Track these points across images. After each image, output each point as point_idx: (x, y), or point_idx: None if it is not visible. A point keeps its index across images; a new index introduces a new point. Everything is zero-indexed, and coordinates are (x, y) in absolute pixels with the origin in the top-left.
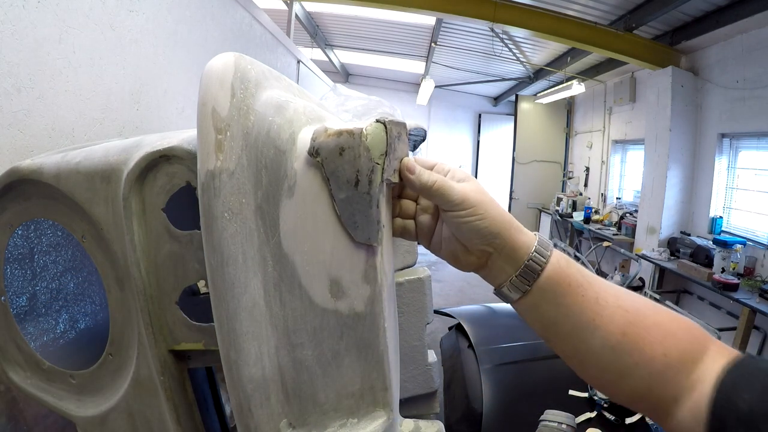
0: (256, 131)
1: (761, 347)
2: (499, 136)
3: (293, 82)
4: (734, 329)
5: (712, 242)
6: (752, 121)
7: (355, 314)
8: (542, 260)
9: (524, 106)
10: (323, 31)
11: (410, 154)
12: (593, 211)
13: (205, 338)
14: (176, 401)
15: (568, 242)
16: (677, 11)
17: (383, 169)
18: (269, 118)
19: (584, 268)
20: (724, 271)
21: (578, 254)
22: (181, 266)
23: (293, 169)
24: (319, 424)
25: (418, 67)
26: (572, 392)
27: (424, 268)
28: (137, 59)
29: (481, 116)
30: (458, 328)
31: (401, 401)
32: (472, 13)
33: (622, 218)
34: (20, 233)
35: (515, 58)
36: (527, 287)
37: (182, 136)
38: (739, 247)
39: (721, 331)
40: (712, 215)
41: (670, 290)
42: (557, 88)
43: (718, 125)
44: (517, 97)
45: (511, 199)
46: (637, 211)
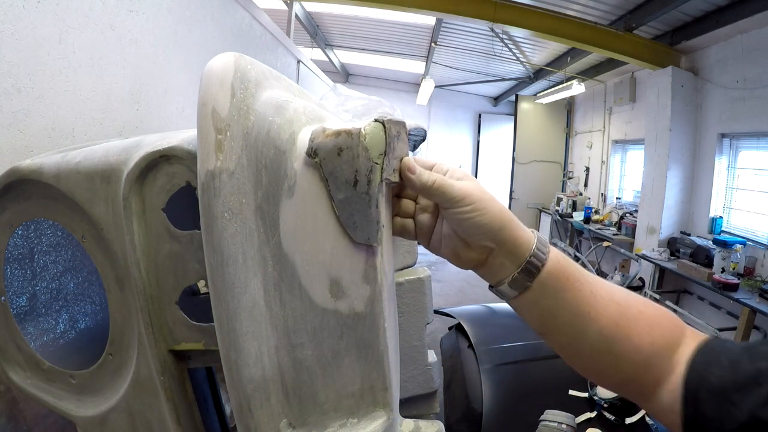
0: (256, 131)
1: None
2: (499, 136)
3: (293, 82)
4: (734, 329)
5: (712, 242)
6: (752, 121)
7: (355, 314)
8: (543, 256)
9: (524, 106)
10: (323, 31)
11: (410, 154)
12: (593, 211)
13: (205, 338)
14: (176, 401)
15: (568, 242)
16: (677, 11)
17: (382, 168)
18: (269, 118)
19: (576, 264)
20: (724, 271)
21: (578, 254)
22: (181, 266)
23: (293, 169)
24: (319, 424)
25: (418, 67)
26: (572, 392)
27: (424, 268)
28: (137, 59)
29: (481, 116)
30: (458, 328)
31: (401, 401)
32: (472, 13)
33: (622, 218)
34: (20, 233)
35: (515, 58)
36: (528, 283)
37: (182, 136)
38: (739, 247)
39: (721, 331)
40: (712, 215)
41: (670, 290)
42: (557, 88)
43: (718, 125)
44: (517, 97)
45: (511, 199)
46: (637, 211)
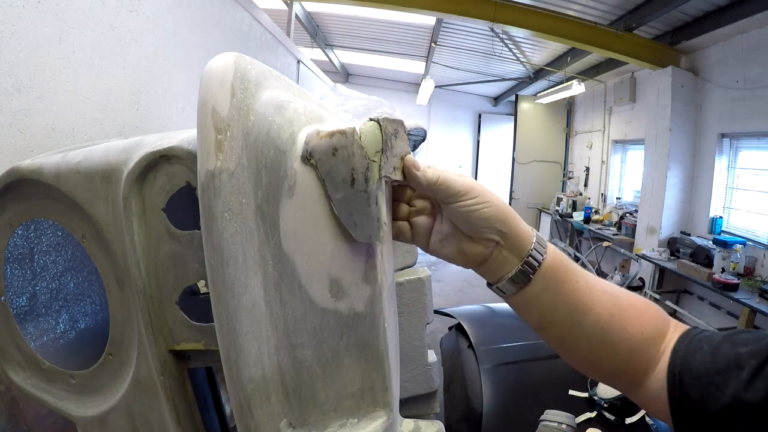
0: (256, 131)
1: None
2: (499, 136)
3: (293, 82)
4: (734, 329)
5: (712, 242)
6: (752, 121)
7: (355, 314)
8: (543, 249)
9: (524, 106)
10: (323, 31)
11: (410, 153)
12: (593, 211)
13: (205, 338)
14: (176, 401)
15: (568, 242)
16: (677, 11)
17: (380, 166)
18: (269, 118)
19: (569, 258)
20: (724, 271)
21: (578, 254)
22: (181, 266)
23: (293, 169)
24: (319, 424)
25: (418, 67)
26: (572, 392)
27: (424, 268)
28: (137, 59)
29: (481, 116)
30: (458, 328)
31: (401, 401)
32: (472, 13)
33: (622, 218)
34: (20, 233)
35: (515, 58)
36: (531, 276)
37: (182, 136)
38: (739, 247)
39: (721, 331)
40: (712, 215)
41: (670, 290)
42: (557, 88)
43: (718, 125)
44: (517, 97)
45: (511, 199)
46: (637, 211)
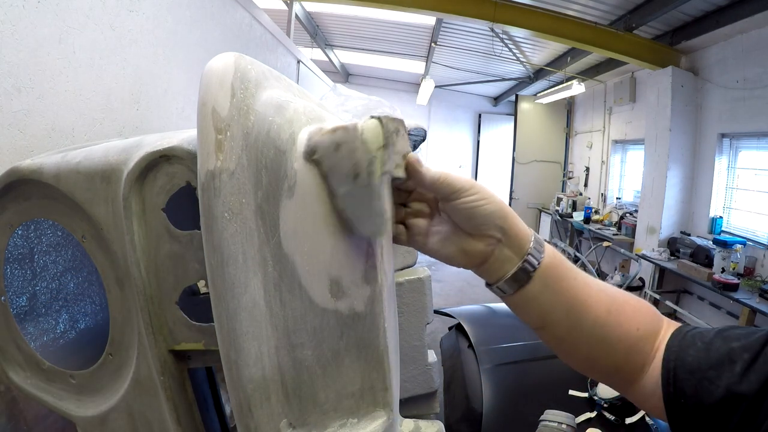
0: (256, 131)
1: None
2: (499, 136)
3: (293, 82)
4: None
5: (712, 242)
6: (752, 121)
7: (355, 314)
8: (541, 247)
9: (524, 106)
10: (323, 31)
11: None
12: (593, 211)
13: (205, 338)
14: (176, 401)
15: (568, 242)
16: (677, 11)
17: (383, 161)
18: (269, 118)
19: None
20: (724, 271)
21: (578, 254)
22: (181, 266)
23: (293, 169)
24: (319, 424)
25: (418, 67)
26: (572, 392)
27: (424, 268)
28: (137, 59)
29: (481, 116)
30: (458, 328)
31: (401, 401)
32: (472, 13)
33: (622, 218)
34: (20, 233)
35: (515, 58)
36: (531, 274)
37: (182, 136)
38: (739, 247)
39: None
40: (712, 215)
41: (670, 290)
42: (557, 88)
43: (718, 125)
44: (517, 97)
45: (511, 199)
46: (637, 211)
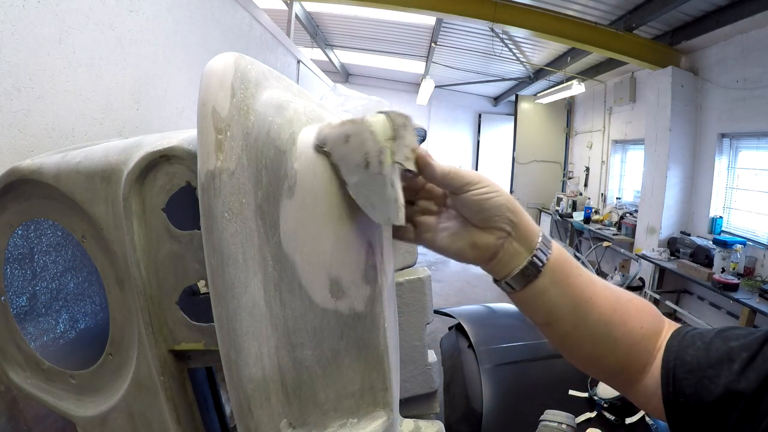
0: (256, 131)
1: None
2: (499, 136)
3: (293, 82)
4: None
5: (712, 242)
6: (752, 121)
7: (355, 314)
8: (549, 242)
9: (524, 106)
10: (323, 31)
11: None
12: (593, 211)
13: (205, 338)
14: (176, 401)
15: (568, 242)
16: (677, 11)
17: (393, 151)
18: (269, 118)
19: None
20: (724, 271)
21: (578, 254)
22: (181, 266)
23: (293, 169)
24: (319, 424)
25: (418, 67)
26: (572, 392)
27: (424, 268)
28: (137, 59)
29: (481, 116)
30: (458, 328)
31: (401, 401)
32: (472, 13)
33: (622, 218)
34: (20, 233)
35: (515, 58)
36: (540, 269)
37: (182, 136)
38: (739, 247)
39: None
40: (712, 215)
41: (670, 290)
42: (557, 88)
43: (718, 125)
44: (517, 97)
45: None
46: (637, 211)
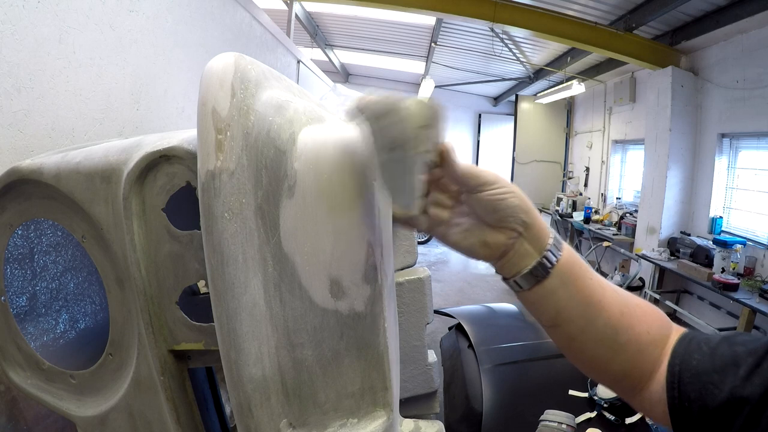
0: (256, 131)
1: None
2: (499, 136)
3: (293, 82)
4: (734, 329)
5: (712, 242)
6: (752, 121)
7: (355, 314)
8: (560, 244)
9: (524, 106)
10: (323, 31)
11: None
12: (593, 211)
13: (205, 338)
14: (176, 401)
15: (568, 242)
16: (677, 11)
17: (422, 140)
18: (269, 118)
19: None
20: (724, 271)
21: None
22: (181, 266)
23: (293, 169)
24: (319, 424)
25: (418, 67)
26: (572, 392)
27: (424, 268)
28: (137, 59)
29: (481, 116)
30: (458, 328)
31: (401, 401)
32: (472, 13)
33: (622, 218)
34: (20, 233)
35: (515, 58)
36: (549, 270)
37: (182, 136)
38: (739, 247)
39: (721, 331)
40: (712, 215)
41: (670, 290)
42: (557, 88)
43: (718, 125)
44: (517, 97)
45: None
46: (637, 211)
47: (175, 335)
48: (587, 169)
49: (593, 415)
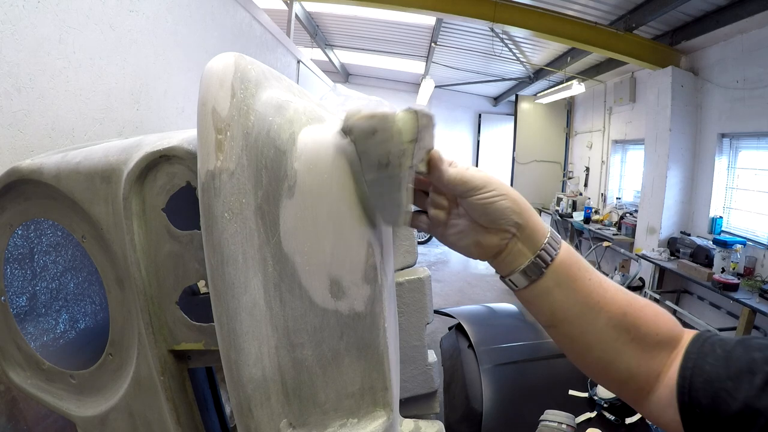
0: (256, 131)
1: None
2: (499, 136)
3: (293, 82)
4: (734, 329)
5: (712, 242)
6: (752, 121)
7: (355, 314)
8: (557, 244)
9: (524, 106)
10: (323, 31)
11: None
12: (593, 211)
13: (205, 338)
14: (176, 401)
15: (567, 242)
16: (677, 11)
17: (411, 154)
18: (269, 118)
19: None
20: (724, 271)
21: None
22: (181, 266)
23: (293, 169)
24: (319, 424)
25: (418, 67)
26: (572, 392)
27: (424, 268)
28: (137, 59)
29: (481, 116)
30: (458, 328)
31: (401, 401)
32: (472, 13)
33: (622, 218)
34: (20, 233)
35: (515, 58)
36: (543, 269)
37: (182, 136)
38: (739, 247)
39: (721, 331)
40: (712, 215)
41: (670, 290)
42: (557, 88)
43: (718, 125)
44: (517, 97)
45: None
46: (637, 211)
47: (175, 335)
48: (587, 169)
49: (593, 415)
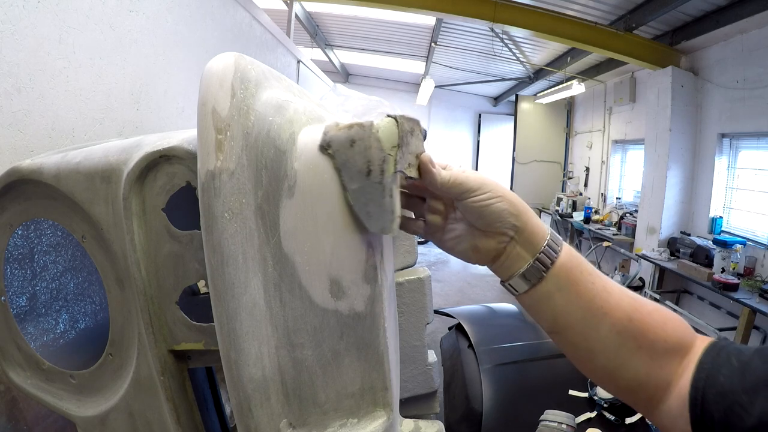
0: (256, 131)
1: None
2: (499, 136)
3: (293, 82)
4: (734, 329)
5: (712, 242)
6: (752, 121)
7: (355, 314)
8: (557, 247)
9: (524, 106)
10: (323, 31)
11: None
12: (593, 211)
13: (205, 338)
14: (176, 401)
15: (568, 242)
16: (677, 11)
17: (396, 161)
18: (269, 118)
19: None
20: (724, 271)
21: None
22: (181, 266)
23: (293, 169)
24: (319, 424)
25: (418, 67)
26: (572, 392)
27: (424, 268)
28: (137, 59)
29: (481, 116)
30: (458, 328)
31: (401, 401)
32: (472, 13)
33: (622, 218)
34: (20, 233)
35: (515, 58)
36: (543, 273)
37: (182, 136)
38: (739, 247)
39: (721, 331)
40: (712, 215)
41: (670, 290)
42: (557, 88)
43: (718, 125)
44: (517, 97)
45: None
46: (637, 211)
47: (175, 335)
48: (587, 169)
49: (593, 415)
